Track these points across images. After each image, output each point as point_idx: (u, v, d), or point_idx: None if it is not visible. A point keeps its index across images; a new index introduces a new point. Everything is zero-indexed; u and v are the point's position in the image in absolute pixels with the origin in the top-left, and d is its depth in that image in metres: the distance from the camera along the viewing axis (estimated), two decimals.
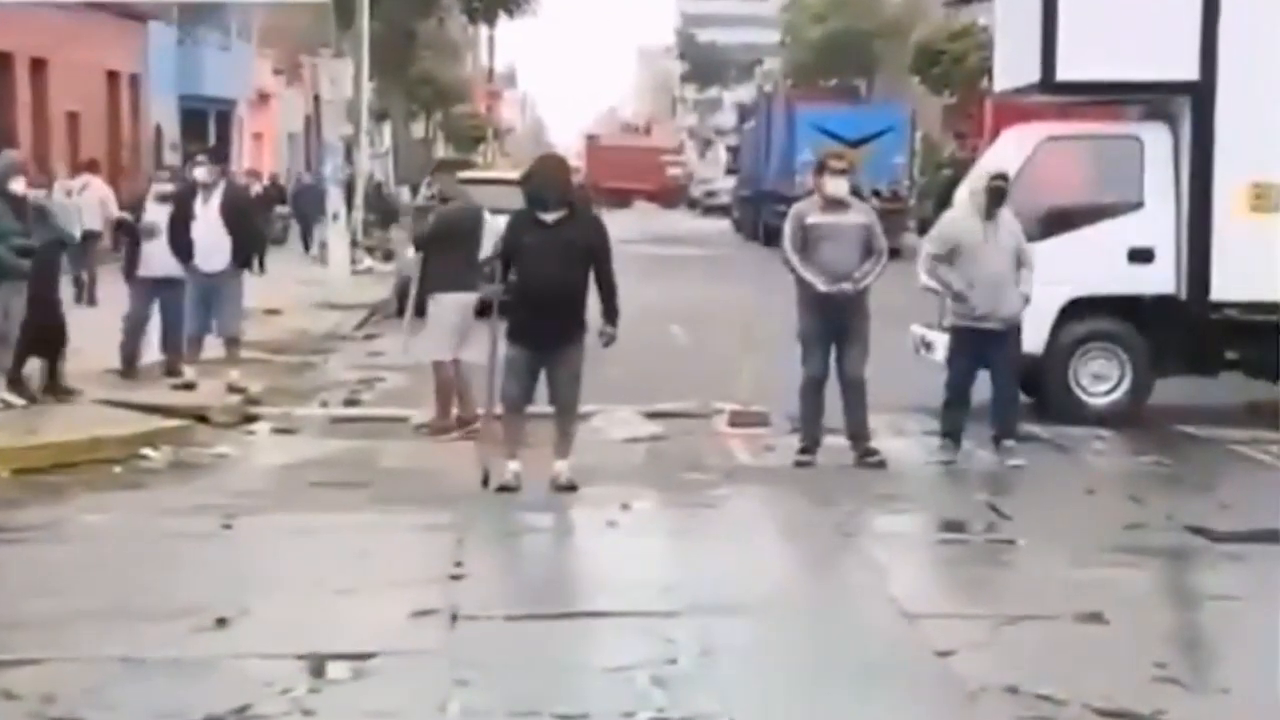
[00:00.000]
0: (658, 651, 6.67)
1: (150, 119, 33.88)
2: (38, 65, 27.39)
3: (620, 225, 50.77)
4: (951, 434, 10.97)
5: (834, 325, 10.78)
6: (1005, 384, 10.97)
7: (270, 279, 25.56)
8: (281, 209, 32.89)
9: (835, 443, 10.95)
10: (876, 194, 32.77)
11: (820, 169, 11.01)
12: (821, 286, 10.70)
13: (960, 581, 8.36)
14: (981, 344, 10.84)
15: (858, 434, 10.89)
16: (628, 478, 10.40)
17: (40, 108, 27.43)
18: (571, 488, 9.72)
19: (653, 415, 12.44)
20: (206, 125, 38.52)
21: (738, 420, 12.29)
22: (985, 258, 10.78)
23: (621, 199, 73.30)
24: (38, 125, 27.25)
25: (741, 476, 10.53)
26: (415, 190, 27.65)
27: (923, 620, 7.19)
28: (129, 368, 13.37)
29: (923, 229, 31.19)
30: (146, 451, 10.89)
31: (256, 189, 29.65)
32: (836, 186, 10.83)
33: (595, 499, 9.73)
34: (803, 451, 10.88)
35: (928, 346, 12.79)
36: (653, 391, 13.42)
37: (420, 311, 12.08)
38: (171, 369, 13.29)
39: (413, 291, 12.42)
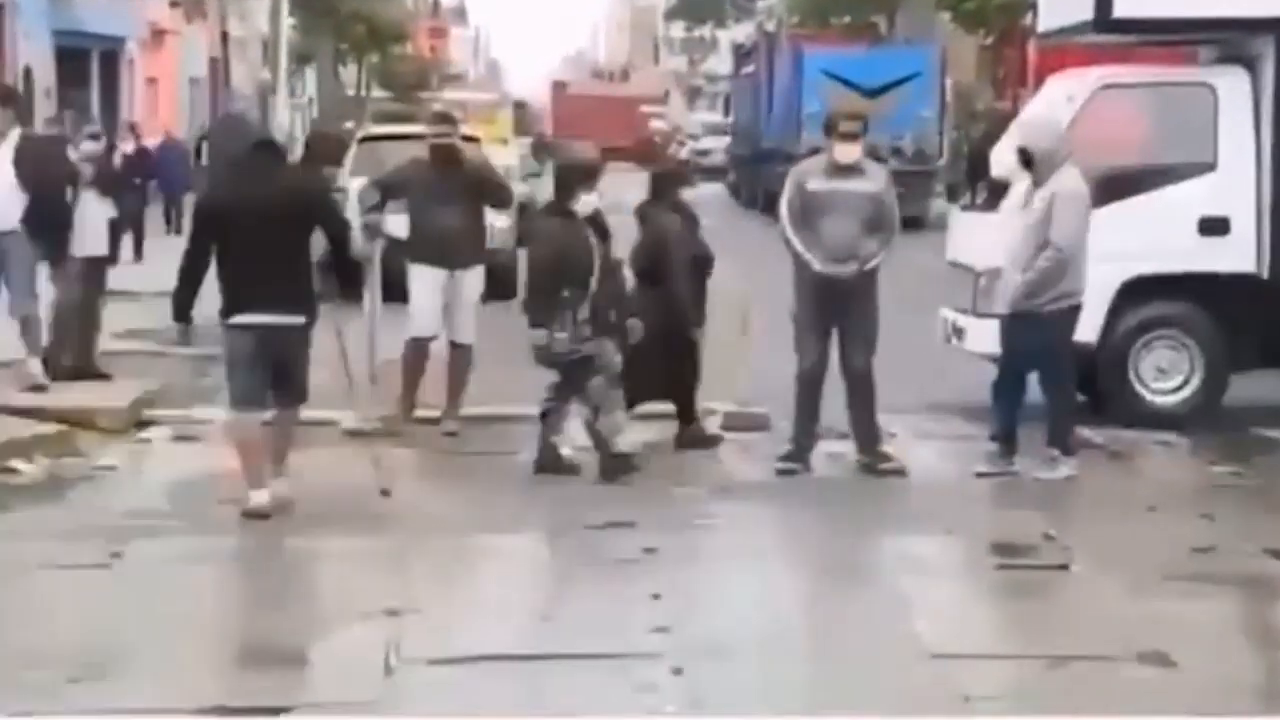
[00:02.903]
0: (639, 702, 6.71)
1: (18, 60, 33.73)
2: None
3: None
4: (1002, 438, 10.99)
5: (834, 310, 10.87)
6: (1049, 381, 11.00)
7: (160, 258, 25.53)
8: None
9: (843, 450, 11.09)
10: (898, 152, 32.85)
11: (829, 129, 11.06)
12: (818, 266, 10.80)
13: (996, 615, 8.40)
14: (1024, 331, 10.86)
15: (866, 437, 10.99)
16: (602, 494, 10.43)
17: None
18: (263, 515, 9.57)
19: (633, 418, 12.45)
20: (88, 68, 38.41)
21: (732, 424, 12.32)
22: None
23: None
24: None
25: (737, 491, 10.58)
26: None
27: (951, 661, 7.23)
28: None
29: (952, 194, 31.24)
30: (16, 464, 10.88)
31: (127, 149, 28.13)
32: (847, 153, 10.89)
33: (564, 520, 9.77)
34: (786, 458, 10.95)
35: (959, 334, 12.83)
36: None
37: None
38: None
39: (375, 272, 12.53)
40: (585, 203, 10.82)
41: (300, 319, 9.67)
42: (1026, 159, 10.85)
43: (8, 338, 13.09)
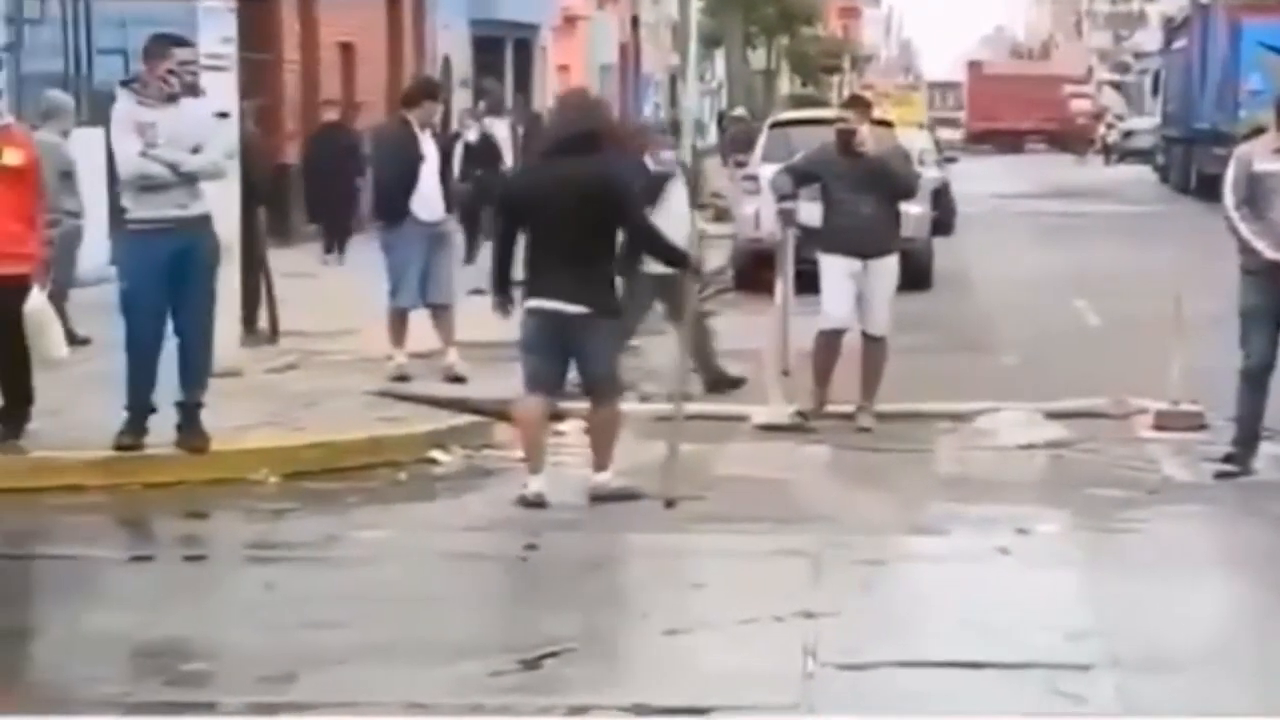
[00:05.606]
0: (1067, 714, 6.61)
1: (437, 50, 34.83)
2: None
3: (1009, 174, 50.41)
4: None
5: None
6: None
7: None
8: None
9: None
10: None
11: None
12: (1271, 253, 10.54)
13: None
14: None
15: None
16: (1024, 494, 10.35)
17: (309, 39, 28.52)
18: (625, 495, 9.96)
19: (1054, 415, 12.28)
20: (503, 57, 39.43)
21: (1165, 422, 12.06)
22: None
23: (1011, 142, 72.58)
24: (306, 59, 28.34)
25: (1170, 494, 10.37)
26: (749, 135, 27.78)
27: None
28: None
29: None
30: (436, 454, 11.22)
31: (470, 137, 26.69)
32: None
33: (984, 520, 9.70)
34: (1229, 459, 10.70)
35: None
36: (1053, 385, 13.25)
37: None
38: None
39: (788, 261, 12.63)
40: None
41: (583, 309, 9.84)
42: None
43: (429, 329, 13.53)
